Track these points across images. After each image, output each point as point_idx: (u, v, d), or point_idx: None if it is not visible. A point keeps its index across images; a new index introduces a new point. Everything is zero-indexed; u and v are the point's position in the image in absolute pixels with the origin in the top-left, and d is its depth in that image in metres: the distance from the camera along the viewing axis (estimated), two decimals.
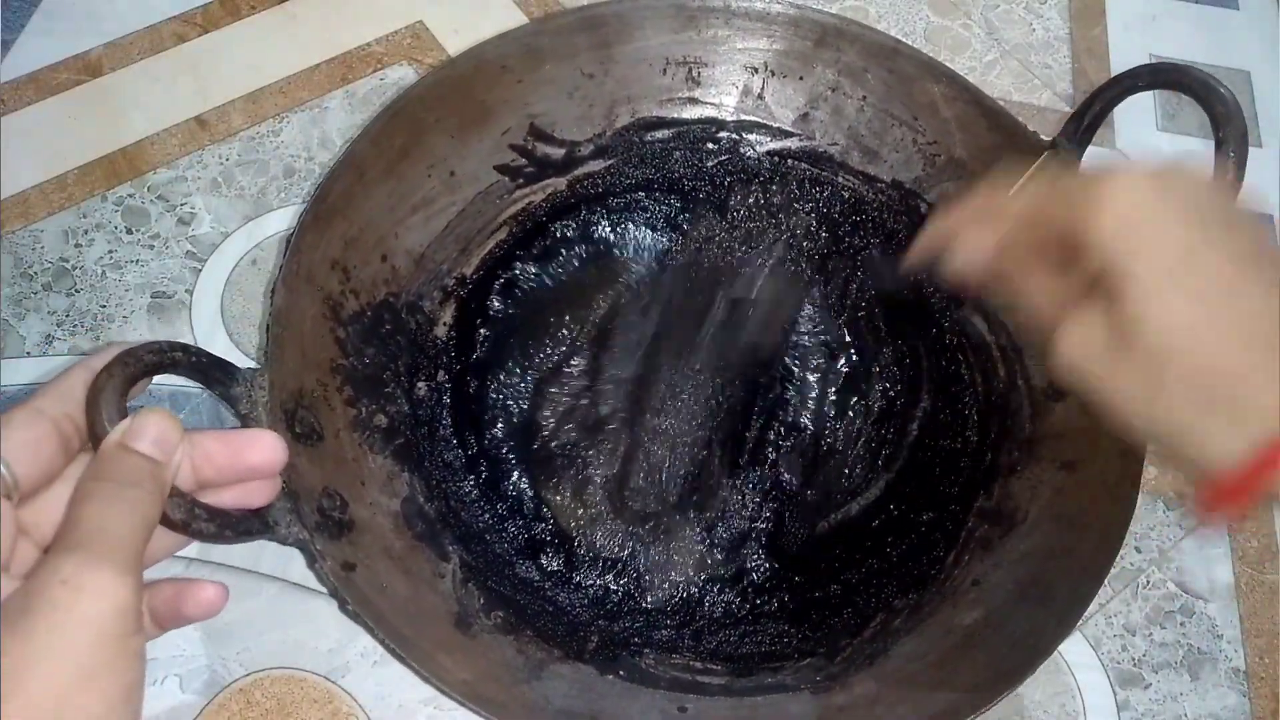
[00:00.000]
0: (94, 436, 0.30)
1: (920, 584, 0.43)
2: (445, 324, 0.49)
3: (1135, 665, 0.48)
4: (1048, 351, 0.32)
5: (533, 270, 0.51)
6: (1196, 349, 0.29)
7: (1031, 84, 0.64)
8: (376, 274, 0.46)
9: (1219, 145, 0.41)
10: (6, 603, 0.25)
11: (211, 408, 0.50)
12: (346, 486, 0.40)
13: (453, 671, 0.36)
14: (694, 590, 0.45)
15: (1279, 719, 0.47)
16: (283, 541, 0.35)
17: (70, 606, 0.25)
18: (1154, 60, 0.66)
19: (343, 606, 0.36)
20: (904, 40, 0.50)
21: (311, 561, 0.36)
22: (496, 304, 0.50)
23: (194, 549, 0.46)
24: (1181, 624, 0.49)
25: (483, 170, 0.50)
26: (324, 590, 0.45)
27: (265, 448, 0.32)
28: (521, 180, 0.51)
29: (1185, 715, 0.47)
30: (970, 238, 0.36)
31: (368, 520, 0.40)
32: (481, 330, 0.50)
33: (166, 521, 0.30)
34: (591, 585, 0.45)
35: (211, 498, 0.32)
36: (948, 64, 0.50)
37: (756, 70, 0.52)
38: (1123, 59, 0.66)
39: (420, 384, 0.47)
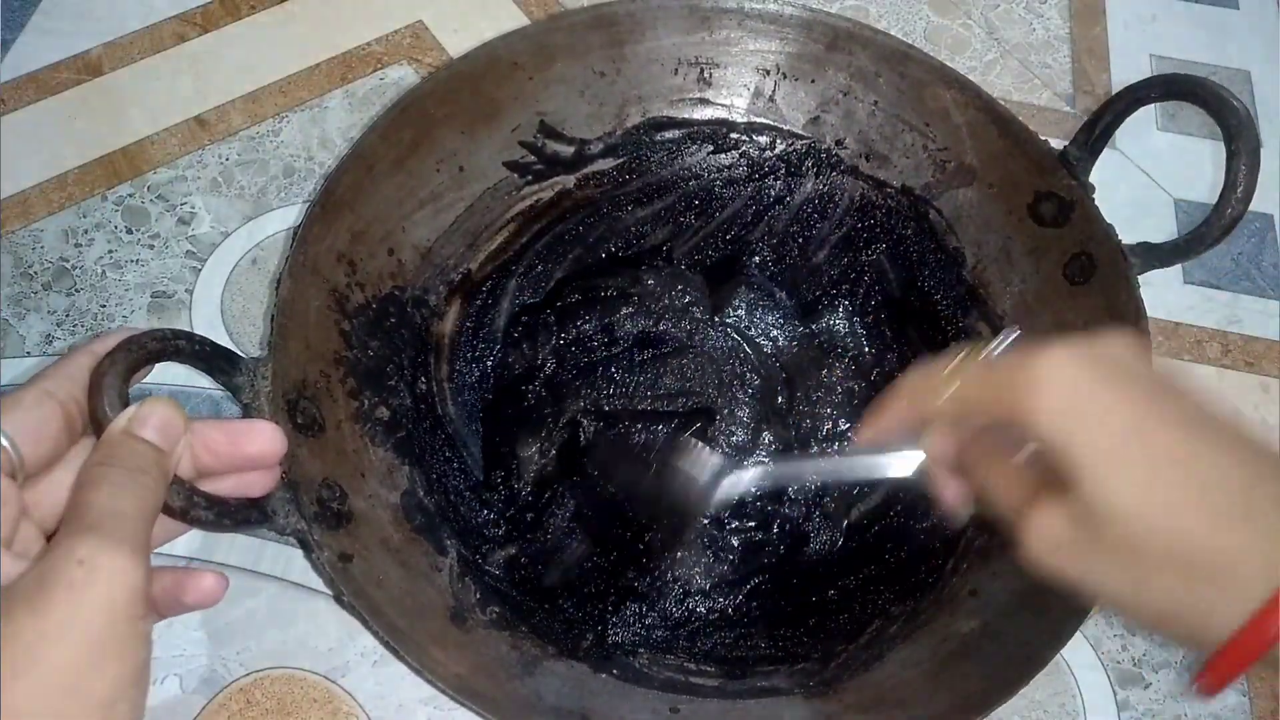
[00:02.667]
0: (95, 422, 0.30)
1: (918, 592, 0.43)
2: (451, 319, 0.49)
3: (1135, 665, 0.47)
4: (1018, 545, 0.31)
5: (539, 267, 0.52)
6: (1163, 529, 0.27)
7: (1031, 83, 0.64)
8: (383, 267, 0.46)
9: (1231, 158, 0.41)
10: (20, 580, 0.26)
11: (211, 409, 0.50)
12: (346, 478, 0.40)
13: (446, 665, 0.36)
14: (696, 594, 0.45)
15: (1279, 719, 0.47)
16: (280, 531, 0.36)
17: (86, 586, 0.25)
18: (1154, 60, 0.66)
19: (338, 598, 0.36)
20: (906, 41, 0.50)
21: (309, 552, 0.36)
22: (503, 299, 0.50)
23: (194, 548, 0.46)
24: None
25: (492, 166, 0.50)
26: (324, 590, 0.45)
27: (264, 438, 0.32)
28: (530, 177, 0.51)
29: (1185, 715, 0.47)
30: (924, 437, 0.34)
31: (366, 512, 0.40)
32: (486, 326, 0.50)
33: (166, 508, 0.30)
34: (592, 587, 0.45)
35: (210, 486, 0.33)
36: (948, 63, 0.49)
37: (768, 72, 0.52)
38: (1123, 59, 0.66)
39: (423, 378, 0.47)
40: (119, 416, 0.30)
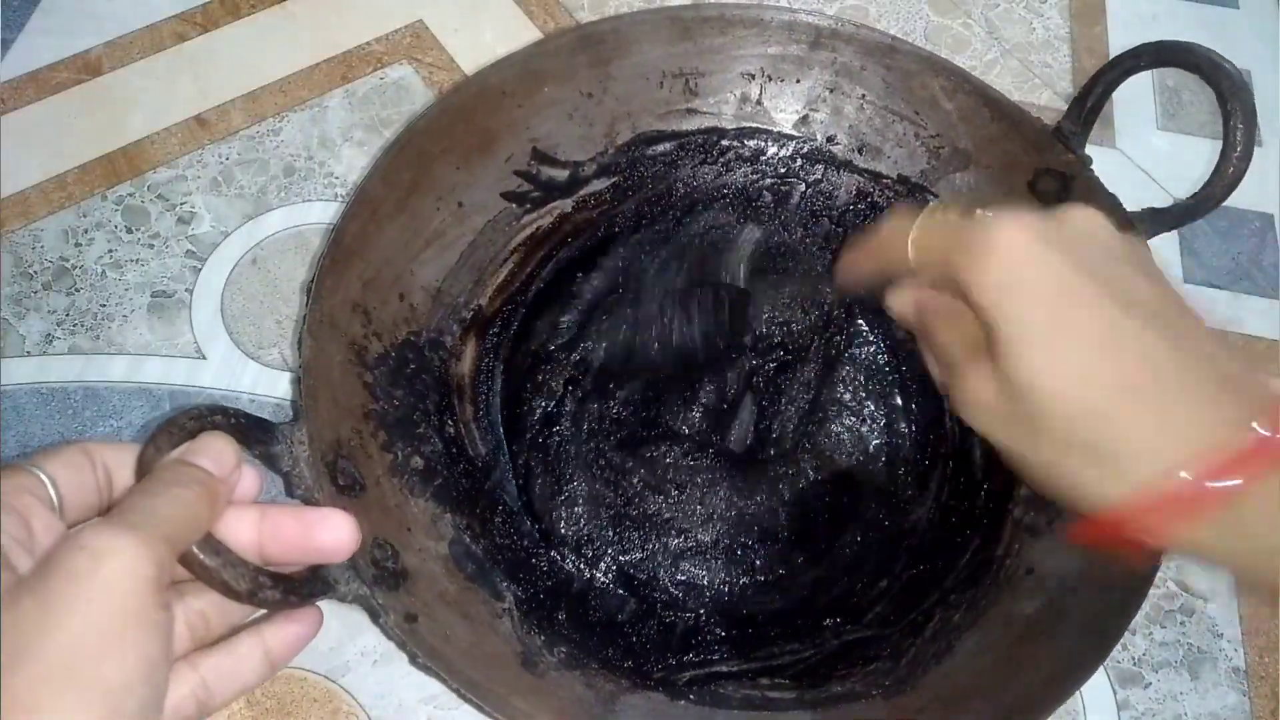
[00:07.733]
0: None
1: (974, 577, 0.44)
2: (468, 359, 0.48)
3: (1135, 664, 0.48)
4: (951, 399, 0.32)
5: (547, 293, 0.51)
6: (1070, 400, 0.28)
7: (1032, 83, 0.64)
8: (396, 313, 0.45)
9: (1228, 118, 0.42)
10: (29, 573, 0.25)
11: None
12: (394, 534, 0.39)
13: (530, 714, 0.35)
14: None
15: (1279, 718, 0.47)
16: (343, 599, 0.34)
17: (90, 572, 0.24)
18: None
19: (413, 660, 0.35)
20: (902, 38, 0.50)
21: (375, 617, 0.35)
22: (514, 335, 0.50)
23: None
24: (1182, 623, 0.49)
25: (490, 199, 0.49)
26: None
27: (339, 528, 0.31)
28: (528, 205, 0.50)
29: (1185, 714, 0.47)
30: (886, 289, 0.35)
31: (419, 567, 0.39)
32: (501, 363, 0.49)
33: (232, 593, 0.29)
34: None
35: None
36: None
37: (754, 76, 0.52)
38: None
39: (450, 421, 0.46)
40: (173, 451, 0.29)
